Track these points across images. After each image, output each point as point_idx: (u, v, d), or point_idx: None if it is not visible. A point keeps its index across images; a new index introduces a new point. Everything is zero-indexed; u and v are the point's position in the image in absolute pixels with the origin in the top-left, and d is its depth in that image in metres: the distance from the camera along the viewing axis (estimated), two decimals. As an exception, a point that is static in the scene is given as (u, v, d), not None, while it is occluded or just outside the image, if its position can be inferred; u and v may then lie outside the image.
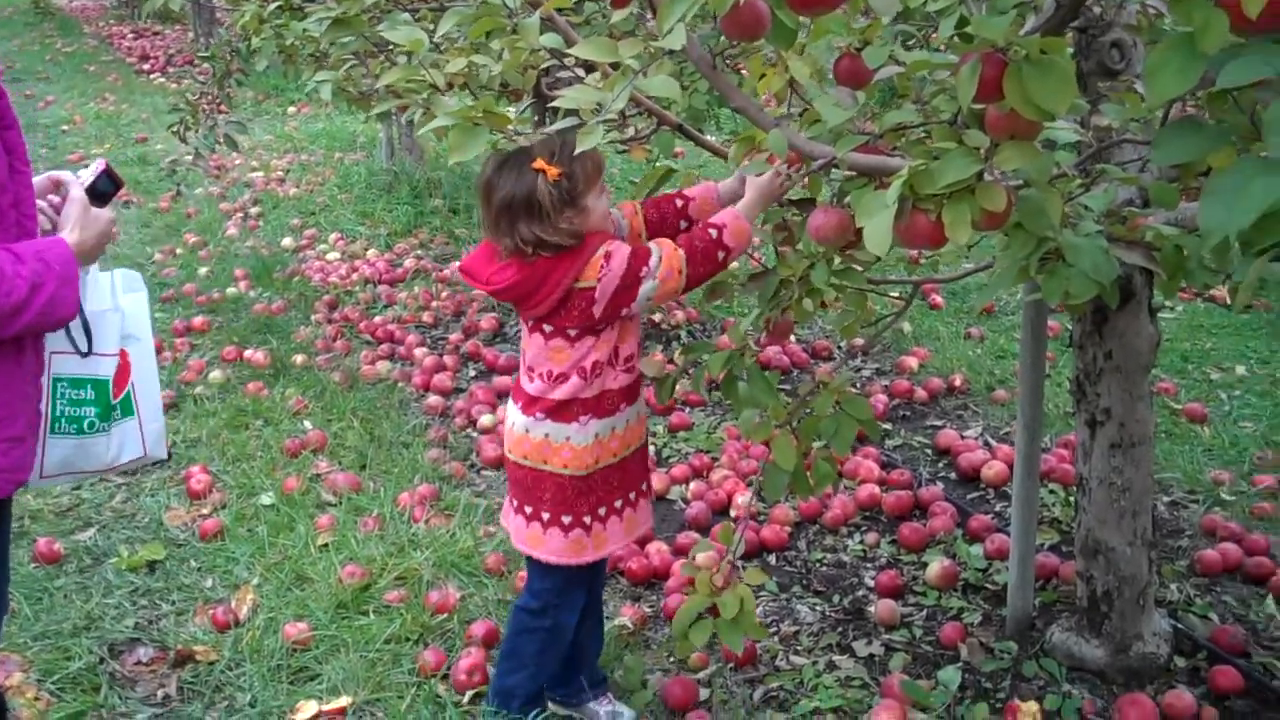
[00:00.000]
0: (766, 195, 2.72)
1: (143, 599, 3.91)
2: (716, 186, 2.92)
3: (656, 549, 4.01)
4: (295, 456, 4.84)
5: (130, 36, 17.43)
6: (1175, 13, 1.41)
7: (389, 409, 5.30)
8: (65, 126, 11.58)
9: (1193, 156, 1.50)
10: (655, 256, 2.69)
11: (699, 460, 4.72)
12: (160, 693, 3.44)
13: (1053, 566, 3.78)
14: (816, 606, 3.78)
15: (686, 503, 4.44)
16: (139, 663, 3.56)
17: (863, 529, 4.24)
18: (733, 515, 4.29)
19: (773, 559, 4.08)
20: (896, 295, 3.95)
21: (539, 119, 4.58)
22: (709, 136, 2.86)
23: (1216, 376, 5.50)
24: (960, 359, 5.70)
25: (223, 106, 6.61)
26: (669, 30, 2.03)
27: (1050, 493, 4.35)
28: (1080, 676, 3.34)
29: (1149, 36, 2.66)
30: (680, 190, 2.93)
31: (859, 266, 2.75)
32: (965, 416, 5.19)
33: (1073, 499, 3.62)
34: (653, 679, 3.39)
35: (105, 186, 2.52)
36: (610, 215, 2.81)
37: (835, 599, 3.82)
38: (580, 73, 2.82)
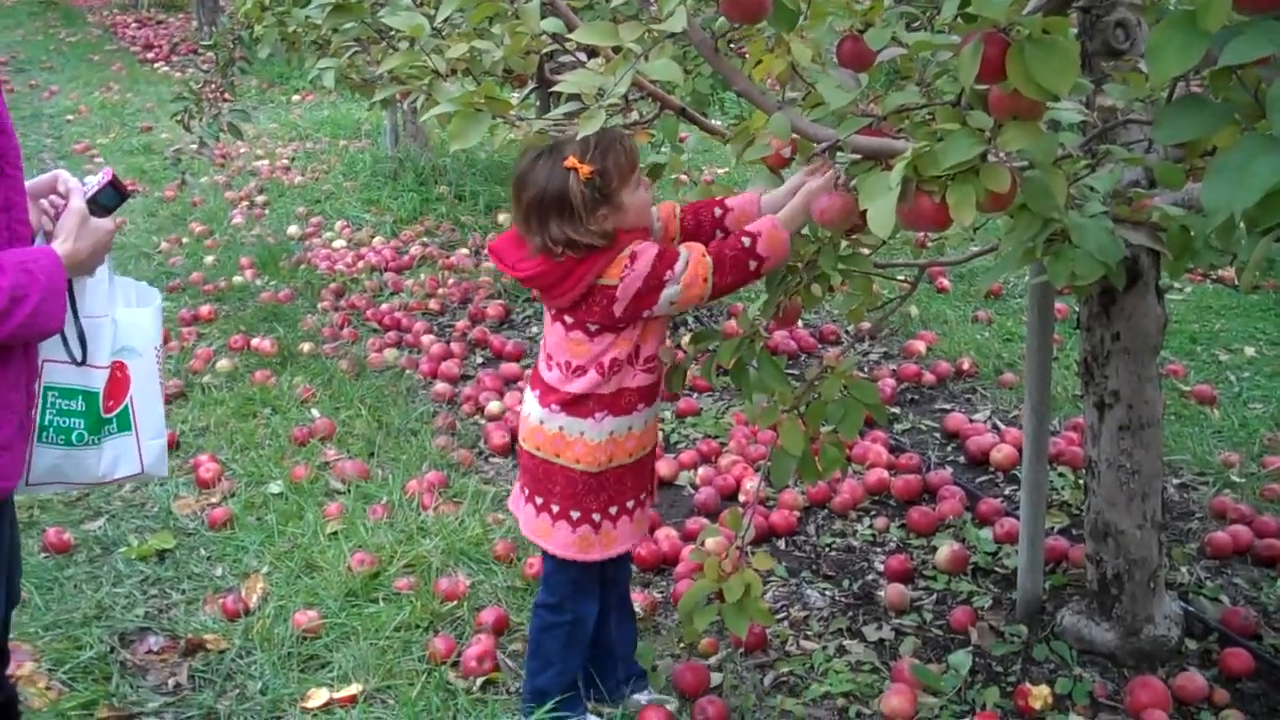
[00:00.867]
0: (809, 195, 2.61)
1: (153, 588, 3.91)
2: (759, 197, 2.81)
3: (665, 535, 4.01)
4: (303, 445, 4.84)
5: (134, 25, 17.42)
6: (1179, -10, 1.40)
7: (396, 396, 5.30)
8: (70, 116, 11.58)
9: (1196, 135, 1.49)
10: (682, 261, 2.64)
11: (707, 446, 4.71)
12: (171, 681, 3.44)
13: (1062, 550, 3.77)
14: (826, 591, 3.77)
15: (695, 488, 4.43)
16: (150, 651, 3.57)
17: (872, 513, 4.23)
18: (741, 501, 4.28)
19: (782, 544, 4.07)
20: (903, 279, 3.94)
21: (542, 104, 4.57)
22: (714, 121, 2.84)
23: (1225, 358, 5.49)
24: (968, 342, 5.69)
25: (227, 95, 6.59)
26: (670, 13, 2.02)
27: (1060, 476, 4.34)
28: (1091, 660, 3.34)
29: (1153, 16, 2.64)
30: (722, 199, 2.86)
31: (866, 250, 2.75)
32: (974, 400, 5.18)
33: (1082, 482, 3.60)
34: (663, 664, 3.38)
35: (107, 199, 2.47)
36: (649, 209, 2.77)
37: (845, 584, 3.81)
38: (583, 57, 2.80)
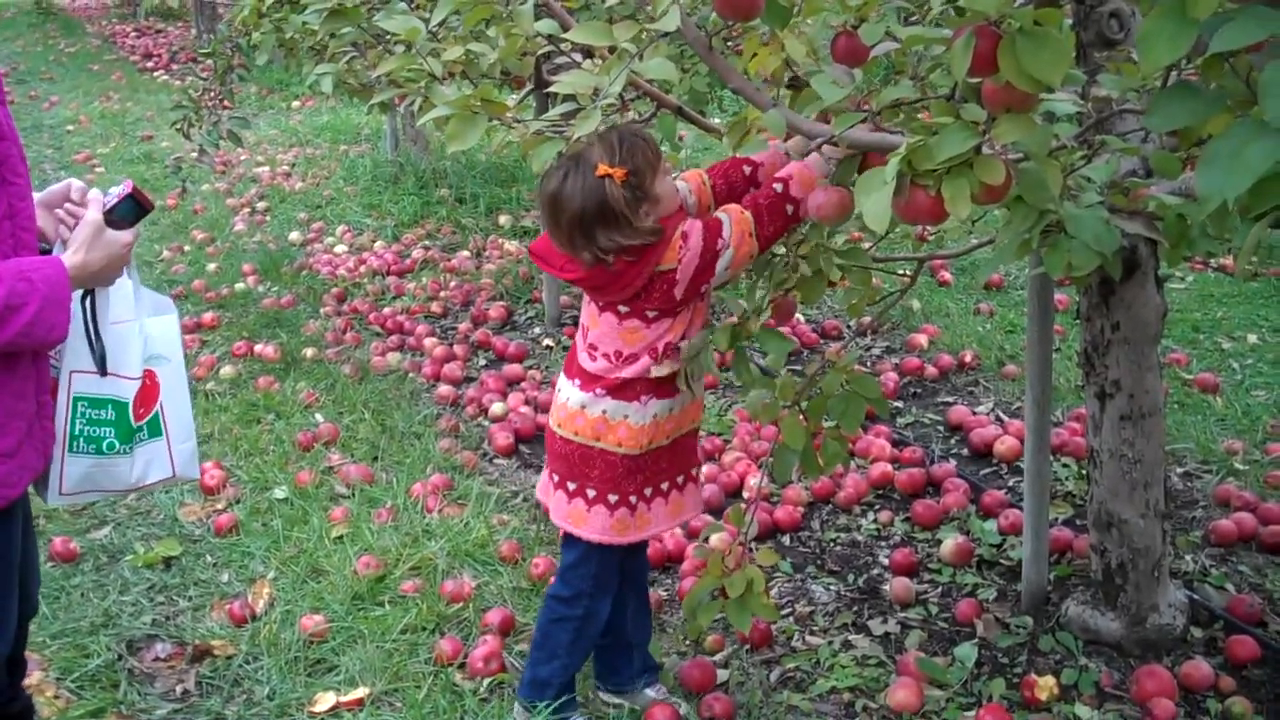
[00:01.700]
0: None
1: (159, 595, 3.92)
2: (784, 148, 2.79)
3: (670, 533, 4.01)
4: (308, 450, 4.85)
5: (133, 35, 17.44)
6: (1168, -20, 1.41)
7: (400, 400, 5.31)
8: (70, 126, 11.59)
9: (1188, 122, 1.50)
10: (726, 226, 2.63)
11: (711, 443, 4.71)
12: (179, 688, 3.45)
13: (1067, 540, 3.78)
14: (831, 586, 3.78)
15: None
16: (157, 658, 3.58)
17: (876, 507, 4.24)
18: (745, 497, 4.29)
19: (787, 540, 4.08)
20: (903, 273, 3.95)
21: (539, 105, 4.57)
22: (713, 119, 2.85)
23: (1228, 346, 5.49)
24: (970, 335, 5.69)
25: (226, 102, 6.60)
26: (664, 12, 2.03)
27: (1064, 466, 4.35)
28: (1096, 649, 3.34)
29: (1146, 5, 2.64)
30: (748, 157, 2.85)
31: (865, 244, 2.75)
32: (976, 392, 5.18)
33: (1085, 472, 3.61)
34: (670, 661, 3.39)
35: (126, 211, 2.47)
36: (678, 192, 2.77)
37: (850, 578, 3.82)
38: (578, 58, 2.81)
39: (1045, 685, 3.14)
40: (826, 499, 4.29)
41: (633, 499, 2.86)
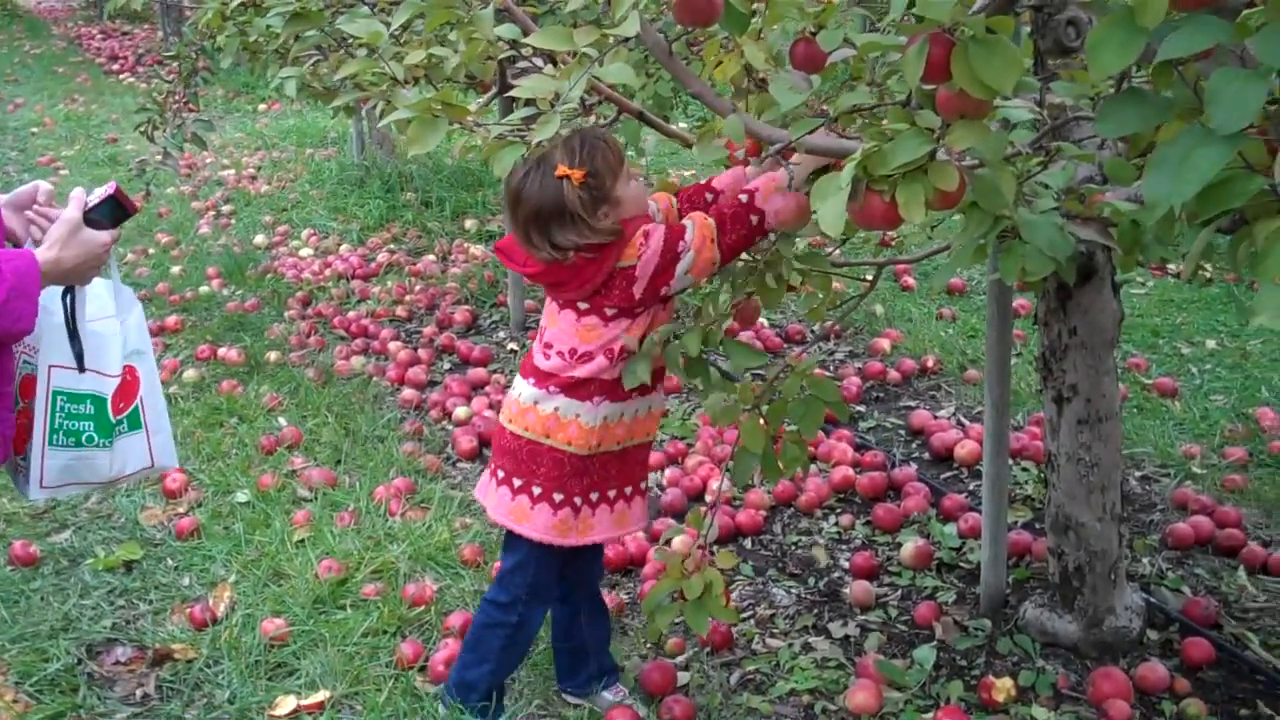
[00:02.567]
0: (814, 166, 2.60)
1: (120, 599, 3.90)
2: (745, 171, 2.83)
3: (632, 536, 4.02)
4: (270, 453, 4.84)
5: (99, 37, 17.35)
6: (1117, -11, 1.43)
7: (364, 404, 5.30)
8: (35, 129, 11.52)
9: (1138, 128, 1.52)
10: (689, 230, 2.65)
11: (674, 447, 4.73)
12: (139, 692, 3.44)
13: (1026, 544, 3.81)
14: (792, 589, 3.79)
15: (662, 489, 4.45)
16: (117, 662, 3.56)
17: (837, 511, 4.26)
18: (707, 501, 4.30)
19: (749, 543, 4.09)
20: (865, 278, 3.97)
21: (503, 109, 4.58)
22: (680, 124, 2.86)
23: (1187, 351, 5.54)
24: (933, 340, 5.72)
25: (191, 105, 6.57)
26: (623, 17, 2.04)
27: (1023, 470, 4.38)
28: (1054, 652, 3.37)
29: (1102, 13, 2.67)
30: (709, 182, 2.88)
31: (828, 249, 2.77)
32: (938, 397, 5.21)
33: (1044, 476, 3.64)
34: (631, 664, 3.40)
35: (106, 212, 2.48)
36: (645, 196, 2.79)
37: (811, 581, 3.84)
38: (540, 63, 2.82)
39: (1003, 687, 3.16)
40: (788, 503, 4.30)
41: (577, 500, 2.87)
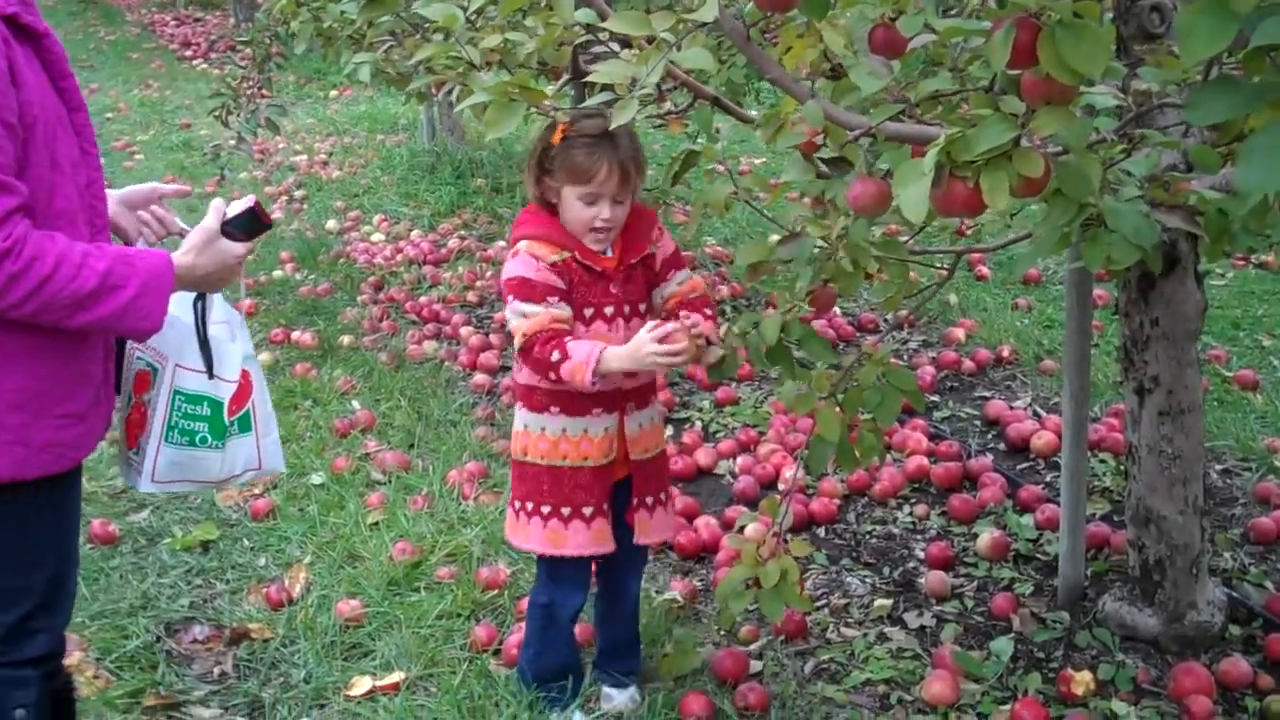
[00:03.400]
0: (637, 359, 2.72)
1: (197, 578, 3.95)
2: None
3: (705, 523, 4.02)
4: (344, 436, 4.88)
5: (172, 23, 17.55)
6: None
7: (436, 388, 5.33)
8: (110, 114, 11.67)
9: (1228, 116, 1.48)
10: (528, 308, 2.78)
11: (746, 435, 4.72)
12: (216, 670, 3.48)
13: (1104, 536, 3.76)
14: (867, 579, 3.77)
15: (734, 477, 4.44)
16: (195, 641, 3.61)
17: (912, 501, 4.23)
18: (780, 489, 4.29)
19: (822, 532, 4.07)
20: (942, 266, 3.93)
21: (576, 96, 4.58)
22: (750, 111, 2.84)
23: (1269, 343, 5.45)
24: (1008, 329, 5.66)
25: (264, 91, 6.63)
26: (702, 2, 2.03)
27: (1101, 462, 4.33)
28: (1134, 646, 3.33)
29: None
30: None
31: (902, 238, 2.74)
32: (1014, 387, 5.16)
33: (1123, 468, 3.59)
34: (704, 651, 3.39)
35: (241, 225, 2.53)
36: (583, 223, 2.82)
37: (885, 571, 3.81)
38: (616, 47, 2.81)
39: (1082, 680, 3.12)
40: (862, 492, 4.28)
41: (546, 509, 2.96)
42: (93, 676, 3.38)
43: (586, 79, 2.34)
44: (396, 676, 3.35)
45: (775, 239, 2.67)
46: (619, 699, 3.20)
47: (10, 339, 2.24)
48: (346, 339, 5.88)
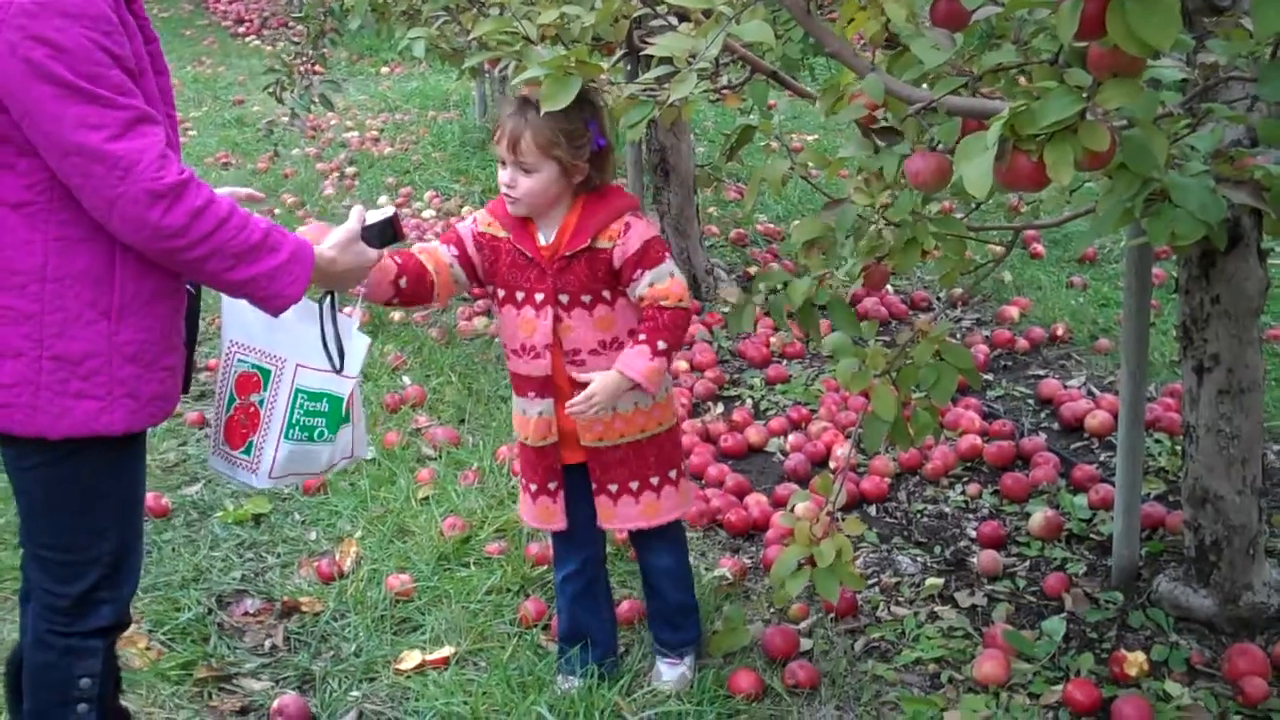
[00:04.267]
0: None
1: (249, 552, 3.98)
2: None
3: (755, 501, 4.01)
4: (395, 411, 4.89)
5: (225, 0, 17.61)
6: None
7: (486, 364, 5.34)
8: (165, 91, 11.73)
9: (1303, 90, 1.45)
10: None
11: (797, 412, 4.70)
12: (268, 643, 3.50)
13: (1159, 517, 3.72)
14: (918, 558, 3.75)
15: (785, 455, 4.43)
16: (246, 614, 3.63)
17: (964, 480, 4.20)
18: (831, 467, 4.27)
19: (873, 510, 4.05)
20: (997, 243, 3.90)
21: (631, 71, 4.56)
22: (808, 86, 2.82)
23: (1328, 322, 5.37)
24: (1062, 308, 5.61)
25: (317, 67, 6.65)
26: (762, -26, 2.01)
27: (1156, 442, 4.28)
28: (1188, 627, 3.29)
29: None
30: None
31: (957, 215, 2.71)
32: (1068, 366, 5.11)
33: (1179, 448, 3.55)
34: (753, 628, 3.38)
35: (377, 233, 2.63)
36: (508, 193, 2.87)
37: (937, 550, 3.79)
38: (674, 21, 2.80)
39: (1135, 661, 3.10)
40: (914, 470, 4.25)
41: (522, 483, 3.11)
42: (145, 648, 3.42)
43: (643, 53, 2.33)
44: (446, 651, 3.36)
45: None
46: (667, 675, 3.20)
47: (124, 291, 2.29)
48: (397, 315, 5.89)
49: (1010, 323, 5.50)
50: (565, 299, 2.88)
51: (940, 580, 3.60)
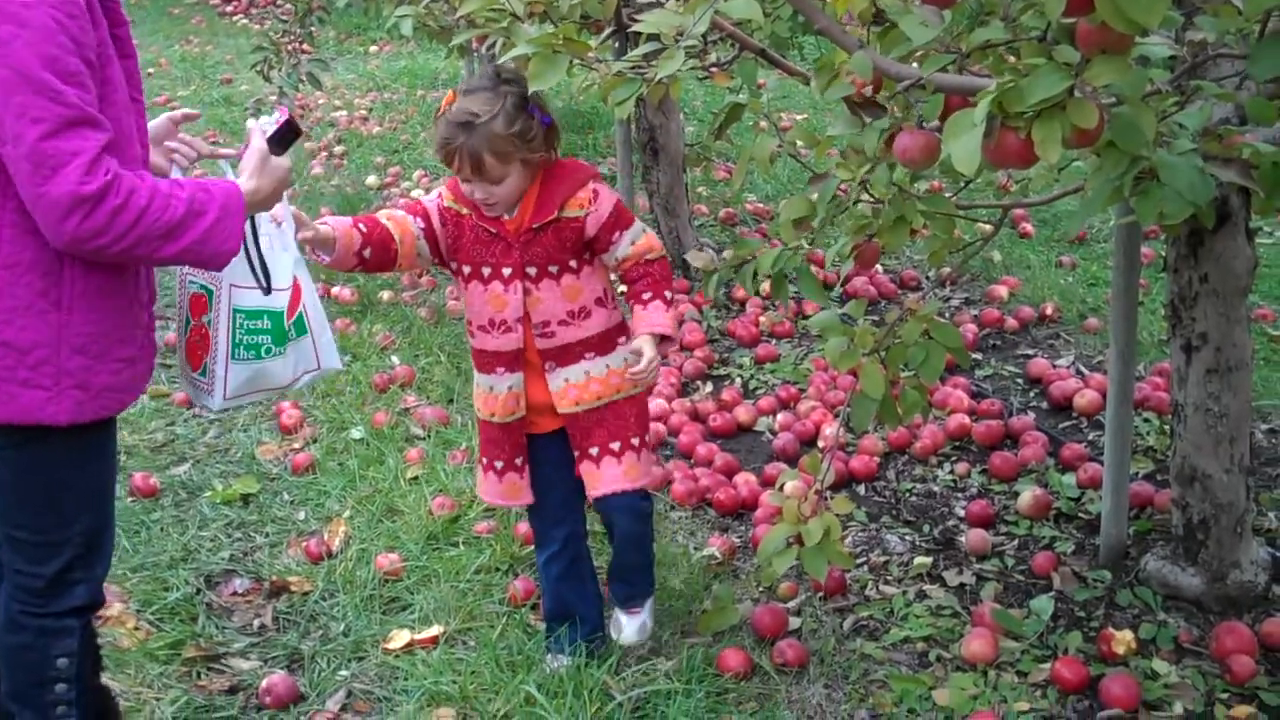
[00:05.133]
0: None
1: (237, 531, 3.98)
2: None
3: (744, 480, 4.01)
4: (383, 391, 4.89)
5: (214, -22, 17.54)
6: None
7: (475, 344, 5.32)
8: (151, 70, 11.67)
9: (1292, 68, 1.45)
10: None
11: (786, 392, 4.70)
12: (256, 622, 3.50)
13: (1147, 495, 3.73)
14: (906, 536, 3.75)
15: (773, 434, 4.43)
16: (235, 593, 3.63)
17: (953, 459, 4.20)
18: (820, 446, 4.27)
19: (861, 489, 4.06)
20: (985, 221, 3.89)
21: (619, 48, 4.55)
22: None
23: (1317, 302, 5.38)
24: (1052, 287, 5.61)
25: (305, 46, 6.62)
26: (749, -50, 2.00)
27: (1144, 421, 4.28)
28: (1176, 605, 3.30)
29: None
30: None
31: (945, 193, 2.70)
32: (1057, 345, 5.11)
33: (1167, 427, 3.56)
34: (742, 607, 3.39)
35: (279, 143, 2.59)
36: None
37: (925, 529, 3.80)
38: (661, -1, 2.78)
39: (1123, 639, 3.10)
40: (903, 449, 4.26)
41: (484, 461, 3.12)
42: (134, 628, 3.41)
43: (631, 30, 2.32)
44: (435, 630, 3.36)
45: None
46: (628, 627, 3.21)
47: (73, 283, 2.29)
48: (386, 295, 5.89)
49: (999, 302, 5.50)
50: (534, 271, 2.89)
51: (929, 559, 3.60)
